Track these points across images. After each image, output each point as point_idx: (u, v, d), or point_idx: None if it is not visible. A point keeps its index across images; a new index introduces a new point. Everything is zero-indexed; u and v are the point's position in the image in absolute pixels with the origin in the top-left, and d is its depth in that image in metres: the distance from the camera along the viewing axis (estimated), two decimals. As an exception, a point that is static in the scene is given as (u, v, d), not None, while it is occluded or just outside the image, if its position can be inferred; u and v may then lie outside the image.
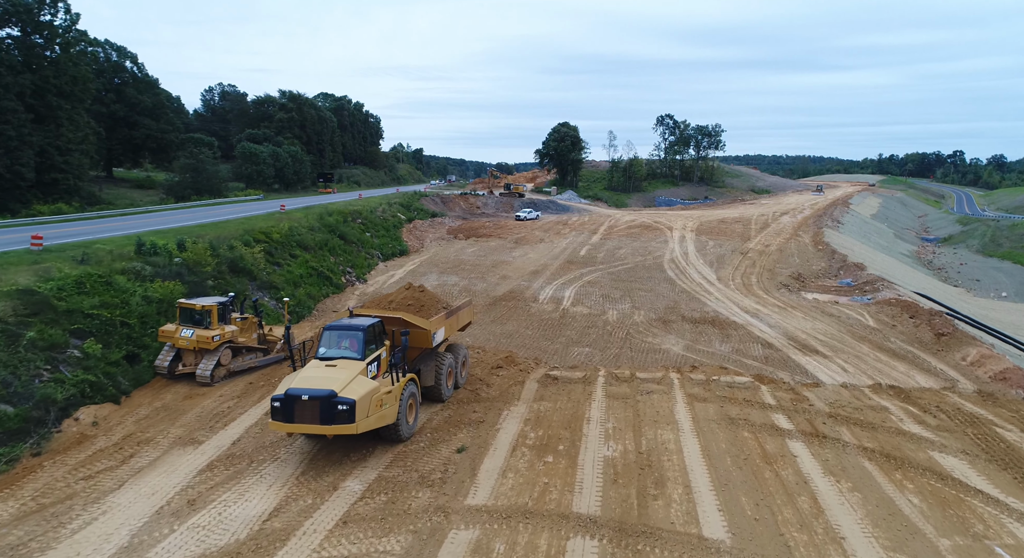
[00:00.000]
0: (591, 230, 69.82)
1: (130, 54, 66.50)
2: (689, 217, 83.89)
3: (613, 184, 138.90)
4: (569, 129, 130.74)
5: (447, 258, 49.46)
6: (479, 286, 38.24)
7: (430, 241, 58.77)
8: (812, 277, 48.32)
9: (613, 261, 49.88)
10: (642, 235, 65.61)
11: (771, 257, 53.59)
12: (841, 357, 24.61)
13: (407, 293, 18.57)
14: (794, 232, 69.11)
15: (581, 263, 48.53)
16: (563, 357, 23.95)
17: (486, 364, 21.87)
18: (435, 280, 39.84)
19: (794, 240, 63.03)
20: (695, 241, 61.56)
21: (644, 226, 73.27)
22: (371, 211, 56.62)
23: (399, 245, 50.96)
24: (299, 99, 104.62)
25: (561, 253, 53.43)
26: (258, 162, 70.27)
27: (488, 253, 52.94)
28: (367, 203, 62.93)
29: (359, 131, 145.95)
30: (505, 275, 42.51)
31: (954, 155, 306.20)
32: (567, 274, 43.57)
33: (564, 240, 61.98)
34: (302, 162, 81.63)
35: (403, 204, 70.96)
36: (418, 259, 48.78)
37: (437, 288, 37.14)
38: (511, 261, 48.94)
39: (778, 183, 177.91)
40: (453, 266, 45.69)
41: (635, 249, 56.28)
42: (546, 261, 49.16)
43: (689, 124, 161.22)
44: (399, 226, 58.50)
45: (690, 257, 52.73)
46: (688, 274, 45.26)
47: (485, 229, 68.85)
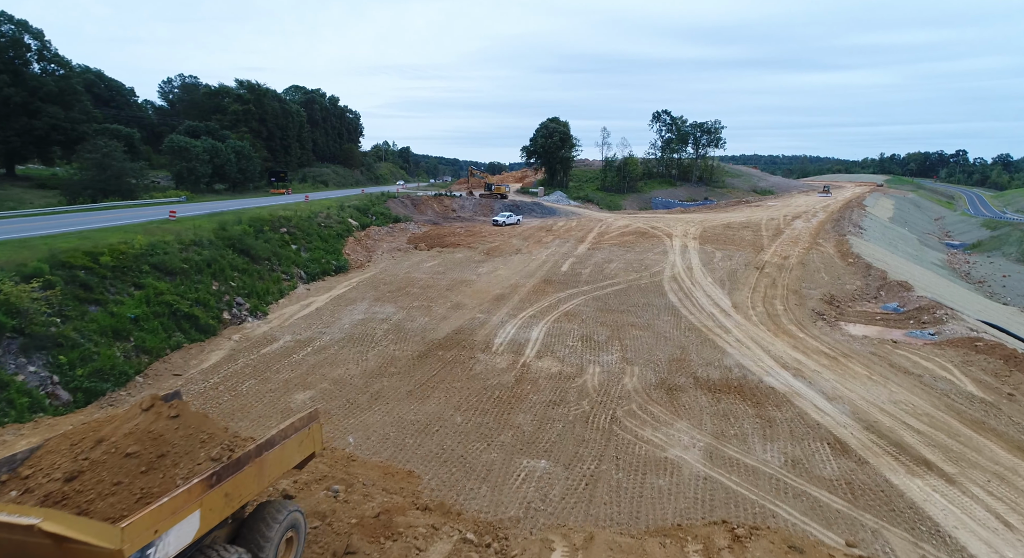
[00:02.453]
0: (578, 238, 60.04)
1: (34, 30, 56.20)
2: (690, 222, 74.20)
3: (606, 184, 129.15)
4: (558, 124, 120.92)
5: (394, 277, 39.57)
6: (416, 323, 28.37)
7: (382, 253, 48.82)
8: (848, 300, 38.78)
9: (601, 280, 40.11)
10: (637, 244, 55.89)
11: (793, 273, 43.94)
12: (972, 476, 14.73)
13: (137, 426, 8.64)
14: (813, 240, 59.52)
15: (561, 283, 38.76)
16: (500, 487, 13.95)
17: (352, 515, 11.86)
18: (361, 312, 29.96)
19: (815, 250, 53.44)
20: (700, 252, 51.89)
21: (639, 233, 63.54)
22: (309, 217, 46.66)
23: (337, 260, 41.02)
24: (258, 89, 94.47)
25: (538, 269, 43.62)
26: (189, 158, 60.11)
27: (449, 269, 43.11)
28: (311, 207, 52.95)
29: (333, 127, 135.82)
30: (459, 303, 32.67)
31: (957, 155, 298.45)
32: (540, 301, 33.76)
33: (545, 250, 52.19)
34: (250, 159, 71.54)
35: (360, 207, 61.01)
36: (357, 278, 38.87)
37: (358, 327, 27.32)
38: (474, 280, 39.12)
39: (780, 183, 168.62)
40: (397, 289, 35.81)
41: (629, 263, 46.55)
42: (518, 280, 39.36)
43: (687, 120, 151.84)
44: (344, 235, 48.53)
45: (695, 274, 43.02)
46: (695, 298, 35.53)
47: (454, 237, 58.95)
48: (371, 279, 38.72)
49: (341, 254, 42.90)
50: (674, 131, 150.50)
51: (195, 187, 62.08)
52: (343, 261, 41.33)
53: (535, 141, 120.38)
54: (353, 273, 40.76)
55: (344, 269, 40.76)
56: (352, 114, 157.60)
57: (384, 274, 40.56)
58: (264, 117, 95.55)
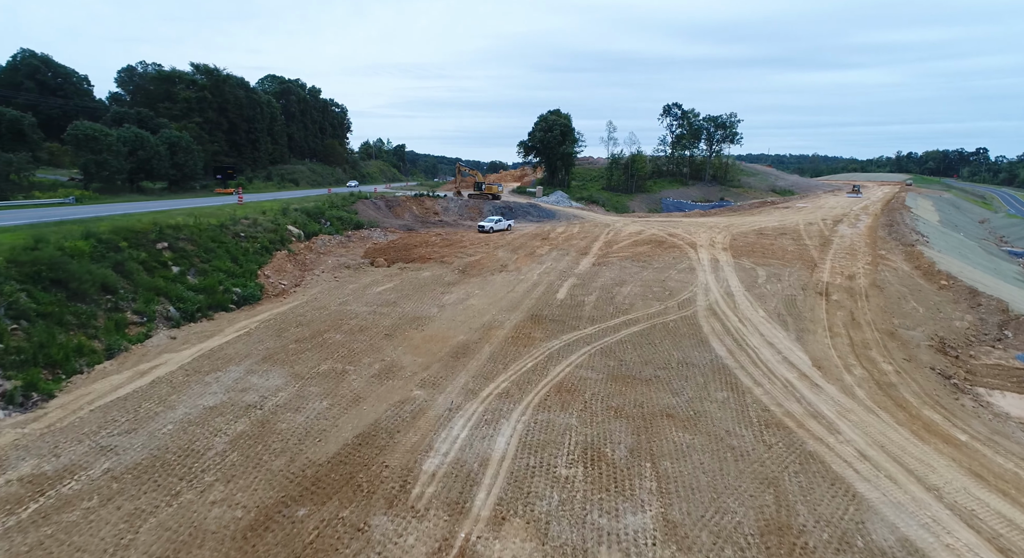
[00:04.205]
0: (580, 249, 48.33)
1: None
2: (714, 227, 62.40)
3: (612, 184, 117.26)
4: (559, 117, 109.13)
5: (320, 312, 28.00)
6: (302, 416, 16.78)
7: (322, 272, 37.20)
8: (964, 344, 27.13)
9: (611, 315, 28.46)
10: (655, 257, 44.17)
11: (872, 302, 32.20)
12: None
13: None
14: (874, 251, 47.72)
15: (555, 321, 27.12)
16: None
17: None
18: (222, 389, 18.37)
19: (884, 266, 41.66)
20: (736, 268, 40.19)
21: (656, 242, 51.81)
22: (219, 226, 35.10)
23: (244, 287, 29.47)
24: (217, 75, 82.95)
25: (525, 296, 32.00)
26: (99, 149, 48.72)
27: (405, 296, 31.54)
28: (235, 211, 41.44)
29: (314, 120, 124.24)
30: (393, 365, 21.09)
31: (977, 153, 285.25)
32: (521, 357, 22.14)
33: (538, 267, 40.55)
34: (190, 153, 60.02)
35: (313, 211, 49.46)
36: (265, 314, 27.29)
37: (189, 430, 15.72)
38: (432, 317, 27.51)
39: (800, 183, 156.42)
40: (311, 336, 24.23)
41: (647, 285, 34.88)
42: (494, 316, 27.76)
43: (699, 114, 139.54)
44: (272, 249, 36.95)
45: (739, 303, 31.33)
46: (753, 349, 23.85)
47: (425, 248, 47.30)
48: (283, 316, 27.10)
49: (254, 277, 31.31)
50: (686, 126, 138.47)
51: (110, 185, 50.79)
52: (253, 288, 29.72)
53: (533, 135, 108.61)
54: (265, 305, 29.15)
55: (252, 299, 29.15)
56: (338, 108, 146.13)
57: (308, 307, 28.96)
58: (225, 106, 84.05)
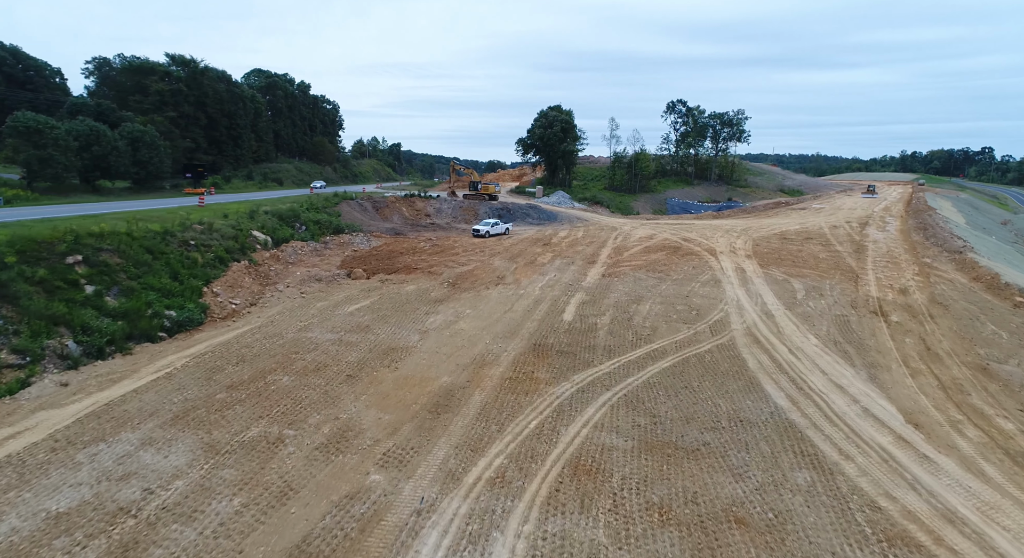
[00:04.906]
0: (587, 256, 42.93)
1: None
2: (731, 231, 57.05)
3: (615, 183, 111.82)
4: (560, 113, 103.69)
5: (272, 341, 22.59)
6: (182, 541, 11.37)
7: (285, 287, 31.73)
8: (1068, 383, 21.69)
9: (632, 344, 23.06)
10: (672, 266, 38.79)
11: (942, 324, 26.83)
12: None
13: None
14: (916, 259, 42.42)
15: (563, 353, 21.73)
16: None
17: None
18: (93, 479, 12.98)
19: (938, 277, 36.32)
20: (767, 280, 34.83)
21: (670, 248, 46.42)
22: (161, 234, 29.64)
23: (181, 309, 24.04)
24: (194, 67, 77.37)
25: (525, 318, 26.60)
26: (43, 144, 43.18)
27: (381, 318, 26.15)
28: (189, 215, 36.02)
29: (303, 117, 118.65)
30: (348, 428, 15.69)
31: (983, 152, 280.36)
32: (520, 415, 16.76)
33: (540, 278, 35.16)
34: (156, 148, 54.45)
35: (287, 213, 44.01)
36: (197, 347, 21.84)
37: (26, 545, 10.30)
38: (411, 348, 22.11)
39: (808, 182, 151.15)
40: (252, 378, 18.83)
41: (668, 302, 29.48)
42: (487, 346, 22.36)
43: (704, 111, 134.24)
44: (227, 260, 31.50)
45: (783, 326, 25.97)
46: (816, 395, 18.45)
47: (412, 256, 41.89)
48: (224, 348, 21.64)
49: (197, 296, 25.84)
50: (691, 123, 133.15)
51: (59, 183, 45.34)
52: (192, 310, 24.25)
53: (532, 132, 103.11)
54: (206, 332, 23.69)
55: (191, 324, 23.70)
56: (329, 104, 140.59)
57: (260, 334, 23.52)
58: (203, 100, 78.49)
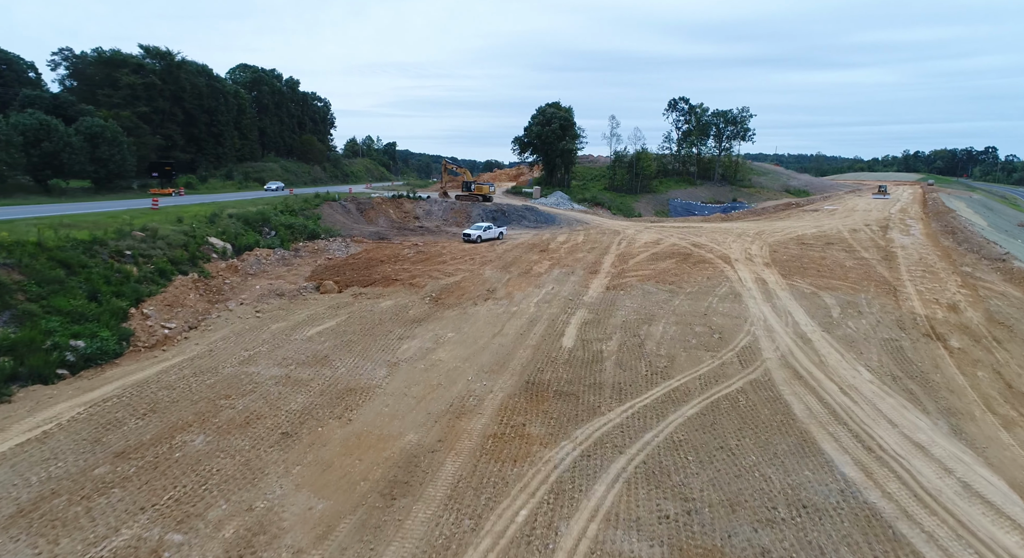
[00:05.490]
0: (588, 265, 38.55)
1: None
2: (743, 235, 52.75)
3: (615, 183, 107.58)
4: (559, 110, 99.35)
5: (200, 381, 18.23)
6: None
7: (239, 305, 27.29)
8: None
9: (646, 381, 18.68)
10: (684, 277, 34.41)
11: (1015, 352, 22.57)
12: None
13: None
14: (954, 267, 38.17)
15: (561, 398, 17.38)
16: None
17: None
18: None
19: (984, 289, 32.03)
20: (793, 293, 30.50)
21: (679, 254, 42.08)
22: (86, 244, 25.28)
23: (94, 338, 19.62)
24: (170, 59, 72.84)
25: (517, 344, 22.22)
26: (-23, 140, 38.94)
27: (344, 346, 21.80)
28: (132, 220, 31.65)
29: (291, 114, 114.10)
30: (261, 527, 11.32)
31: (987, 152, 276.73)
32: (505, 500, 12.38)
33: (536, 292, 30.79)
34: (117, 145, 50.01)
35: (254, 217, 39.60)
36: (100, 390, 17.46)
37: None
38: (371, 391, 17.76)
39: (813, 183, 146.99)
40: (150, 444, 14.49)
41: (685, 322, 25.11)
42: (467, 388, 18.00)
43: (708, 109, 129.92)
44: (170, 273, 27.10)
45: (824, 354, 21.65)
46: (894, 460, 14.12)
47: (393, 265, 37.49)
48: (136, 391, 17.25)
49: (121, 319, 21.40)
50: (693, 122, 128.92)
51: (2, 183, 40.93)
52: (108, 339, 19.81)
53: (530, 130, 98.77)
54: (122, 366, 19.28)
55: (104, 357, 19.28)
56: (320, 102, 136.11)
57: (189, 369, 19.13)
58: (180, 95, 73.98)
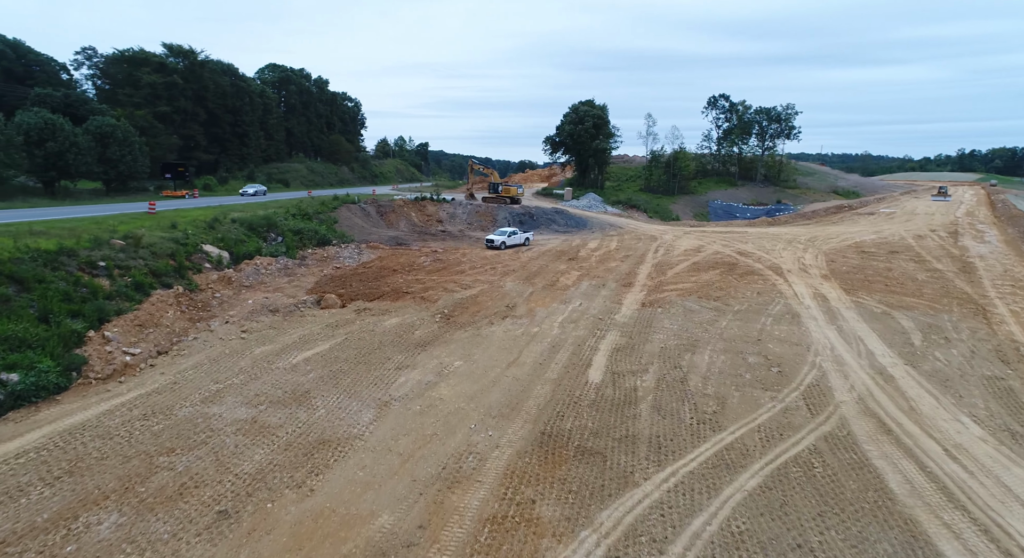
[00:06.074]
0: (621, 276, 34.54)
1: None
2: (793, 241, 47.90)
3: (651, 184, 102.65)
4: (592, 108, 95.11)
5: (146, 428, 15.11)
6: None
7: (224, 323, 24.24)
8: None
9: (691, 433, 14.72)
10: (730, 291, 30.12)
11: None
12: None
13: None
14: (1049, 285, 32.87)
15: (584, 458, 13.60)
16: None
17: None
18: None
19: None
20: (861, 313, 25.98)
21: (723, 263, 37.72)
22: (49, 255, 22.60)
23: (31, 371, 16.66)
24: (192, 58, 71.37)
25: (535, 378, 18.49)
26: (-23, 140, 37.21)
27: (331, 378, 18.46)
28: (117, 226, 29.03)
29: (319, 114, 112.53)
30: None
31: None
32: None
33: (561, 309, 27.01)
34: (128, 145, 48.18)
35: (259, 222, 36.82)
36: (19, 440, 14.38)
37: None
38: (349, 443, 14.30)
39: (864, 183, 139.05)
40: (43, 530, 11.31)
41: (735, 351, 20.96)
42: (467, 441, 14.37)
43: (750, 107, 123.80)
44: (148, 287, 24.27)
45: (913, 398, 17.31)
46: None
47: (406, 275, 34.18)
48: (63, 442, 14.16)
49: (73, 344, 18.47)
50: (735, 120, 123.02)
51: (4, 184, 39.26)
52: (49, 369, 16.85)
53: (561, 129, 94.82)
54: (64, 403, 16.27)
55: (43, 392, 16.33)
56: (351, 102, 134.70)
57: (141, 409, 16.01)
58: (203, 94, 72.47)
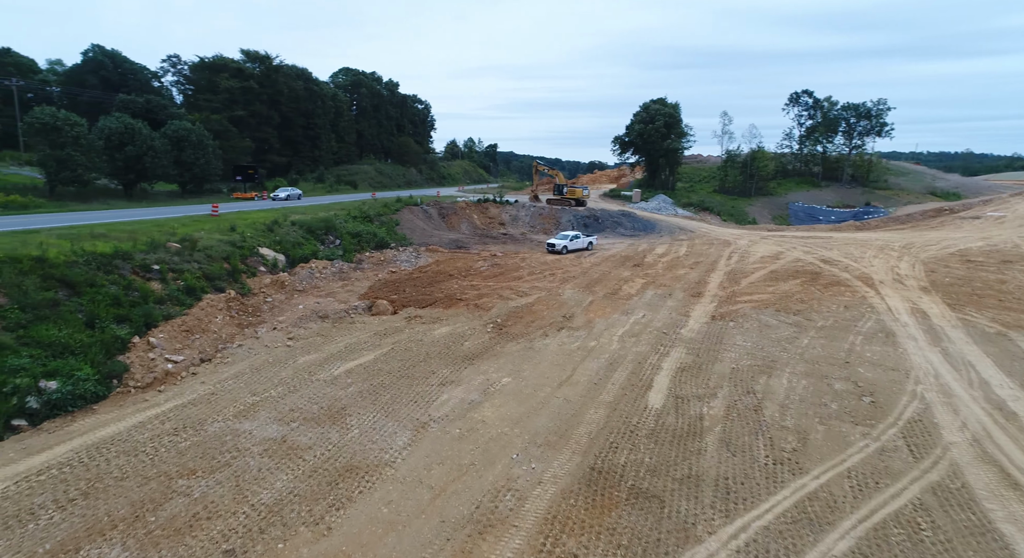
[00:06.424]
0: (690, 285, 32.02)
1: None
2: (886, 248, 43.50)
3: (727, 185, 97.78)
4: (664, 106, 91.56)
5: (176, 443, 14.49)
6: None
7: (272, 329, 23.79)
8: None
9: (766, 475, 12.49)
10: (813, 303, 27.08)
11: None
12: None
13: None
14: None
15: (639, 503, 11.71)
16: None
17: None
18: None
19: None
20: (970, 333, 22.51)
21: (805, 272, 34.39)
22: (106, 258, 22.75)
23: (70, 379, 16.44)
24: (268, 63, 73.63)
25: (588, 400, 16.66)
26: (61, 143, 38.86)
27: (370, 394, 17.40)
28: (176, 229, 29.35)
29: (389, 116, 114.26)
30: None
31: None
32: None
33: (622, 320, 25.02)
34: (202, 148, 49.72)
35: (317, 225, 36.75)
36: (45, 454, 14.07)
37: None
38: (378, 473, 13.04)
39: (966, 184, 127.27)
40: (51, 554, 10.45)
41: (817, 375, 18.32)
42: (505, 474, 12.80)
43: (836, 102, 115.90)
44: (199, 291, 24.19)
45: (1052, 449, 14.21)
46: None
47: (461, 281, 33.06)
48: (88, 458, 13.68)
49: (117, 350, 18.27)
50: (818, 116, 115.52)
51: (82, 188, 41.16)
52: (88, 377, 16.58)
53: (631, 129, 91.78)
54: (101, 413, 15.94)
55: (81, 401, 16.06)
56: (421, 104, 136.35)
57: (172, 423, 15.45)
58: (277, 98, 74.64)
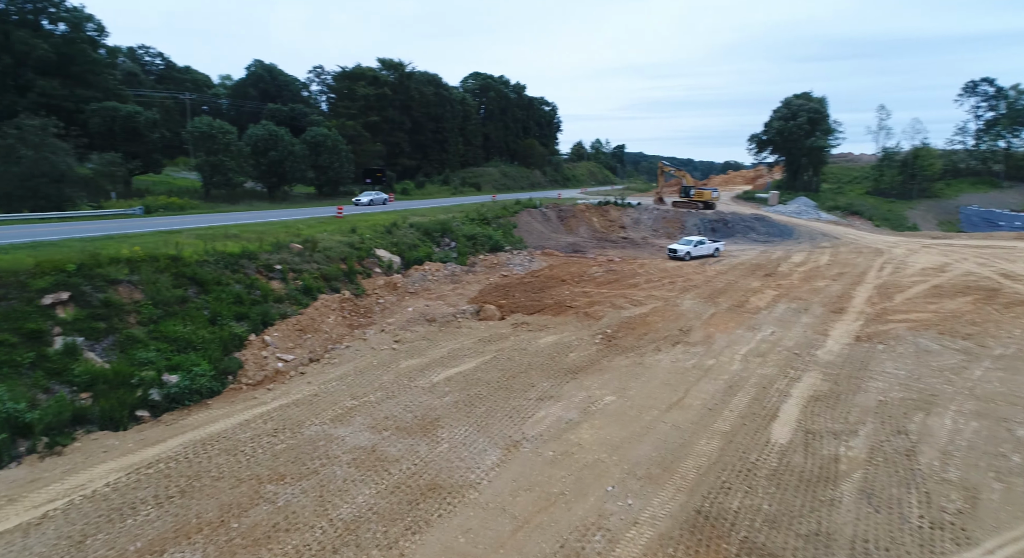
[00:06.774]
0: (830, 301, 28.29)
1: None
2: (1092, 265, 35.98)
3: (882, 186, 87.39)
4: (808, 101, 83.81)
5: (271, 445, 14.79)
6: None
7: (380, 332, 24.11)
8: None
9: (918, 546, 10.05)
10: (988, 326, 22.62)
11: None
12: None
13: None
14: None
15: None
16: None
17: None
18: None
19: None
20: None
21: (977, 288, 29.09)
22: (233, 258, 24.18)
23: (189, 373, 17.48)
24: (401, 70, 77.10)
25: (700, 429, 14.84)
26: (215, 149, 42.82)
27: (465, 404, 16.89)
28: (300, 230, 30.85)
29: (515, 119, 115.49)
30: None
31: None
32: None
33: (746, 337, 22.53)
34: (336, 152, 52.72)
35: (433, 227, 37.34)
36: (158, 447, 14.82)
37: None
38: (460, 495, 12.34)
39: None
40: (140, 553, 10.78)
41: (993, 417, 14.95)
42: (595, 511, 11.51)
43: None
44: (316, 291, 25.10)
45: None
46: None
47: (575, 286, 31.87)
48: (192, 453, 14.28)
49: (234, 347, 19.25)
50: (1001, 107, 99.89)
51: (231, 190, 45.17)
52: (205, 372, 17.50)
53: (769, 126, 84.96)
54: (214, 408, 16.76)
55: (197, 395, 16.99)
56: (547, 106, 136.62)
57: (273, 423, 15.84)
58: (408, 104, 77.94)
